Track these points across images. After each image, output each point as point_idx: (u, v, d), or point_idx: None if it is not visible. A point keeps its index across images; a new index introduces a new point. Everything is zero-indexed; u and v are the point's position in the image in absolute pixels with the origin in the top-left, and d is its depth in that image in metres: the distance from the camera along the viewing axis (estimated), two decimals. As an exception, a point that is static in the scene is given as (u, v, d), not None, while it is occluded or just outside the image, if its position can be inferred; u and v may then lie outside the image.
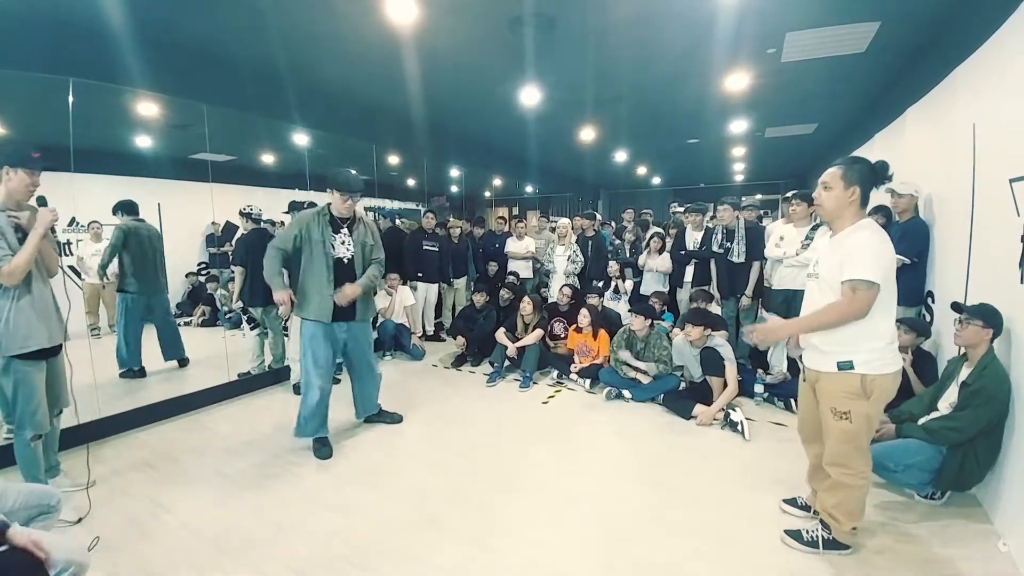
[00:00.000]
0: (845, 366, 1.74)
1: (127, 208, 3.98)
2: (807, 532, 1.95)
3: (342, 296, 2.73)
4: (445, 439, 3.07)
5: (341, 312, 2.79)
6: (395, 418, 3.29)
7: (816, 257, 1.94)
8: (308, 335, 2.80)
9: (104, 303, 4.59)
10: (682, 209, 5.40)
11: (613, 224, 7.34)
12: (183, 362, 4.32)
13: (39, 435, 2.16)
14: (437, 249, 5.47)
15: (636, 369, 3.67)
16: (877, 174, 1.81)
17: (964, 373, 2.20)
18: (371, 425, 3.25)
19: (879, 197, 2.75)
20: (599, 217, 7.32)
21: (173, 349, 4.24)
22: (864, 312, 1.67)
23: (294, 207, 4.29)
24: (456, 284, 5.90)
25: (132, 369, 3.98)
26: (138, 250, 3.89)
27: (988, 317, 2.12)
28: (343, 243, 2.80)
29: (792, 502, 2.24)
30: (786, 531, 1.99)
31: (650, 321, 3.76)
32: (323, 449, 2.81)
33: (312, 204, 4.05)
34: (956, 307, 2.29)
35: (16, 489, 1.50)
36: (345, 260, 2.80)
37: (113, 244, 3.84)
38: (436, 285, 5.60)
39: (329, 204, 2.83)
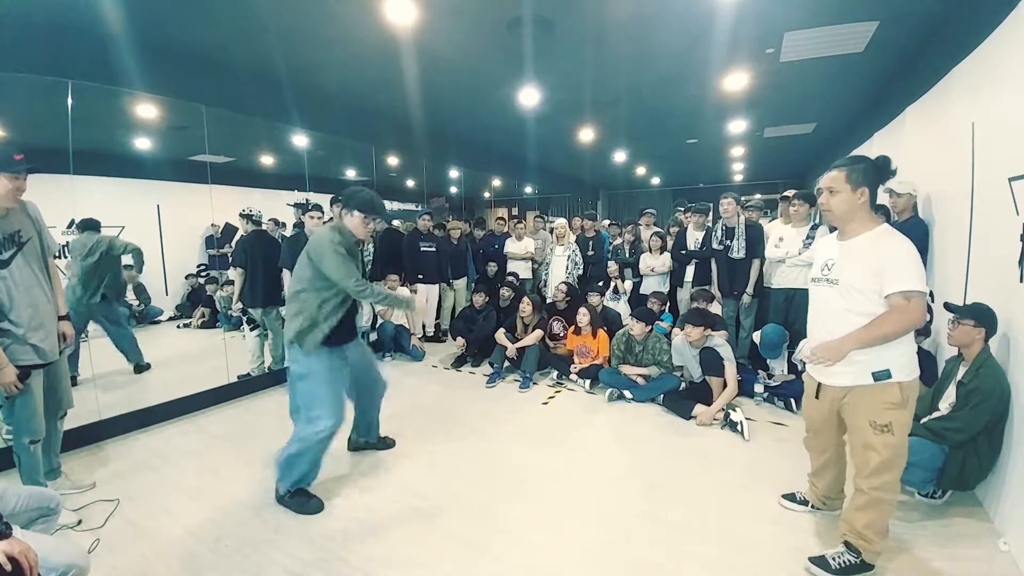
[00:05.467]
0: (882, 376, 1.65)
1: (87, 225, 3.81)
2: (833, 559, 1.80)
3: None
4: (445, 441, 3.07)
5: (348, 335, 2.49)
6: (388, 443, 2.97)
7: (824, 260, 1.82)
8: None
9: None
10: (683, 209, 5.38)
11: (620, 229, 7.21)
12: (141, 368, 4.22)
13: (36, 440, 2.15)
14: (435, 250, 5.46)
15: (637, 374, 3.68)
16: (881, 171, 1.74)
17: (961, 373, 2.20)
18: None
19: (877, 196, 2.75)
20: (607, 222, 7.24)
21: (131, 354, 4.16)
22: (923, 320, 1.61)
23: (300, 207, 4.31)
24: (456, 285, 5.90)
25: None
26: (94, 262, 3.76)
27: (979, 316, 2.11)
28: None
29: (791, 497, 2.24)
30: (810, 559, 1.83)
31: (650, 328, 3.77)
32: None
33: (316, 206, 4.06)
34: (948, 307, 2.29)
35: (16, 491, 1.50)
36: None
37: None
38: (436, 286, 5.59)
39: (339, 224, 2.41)
